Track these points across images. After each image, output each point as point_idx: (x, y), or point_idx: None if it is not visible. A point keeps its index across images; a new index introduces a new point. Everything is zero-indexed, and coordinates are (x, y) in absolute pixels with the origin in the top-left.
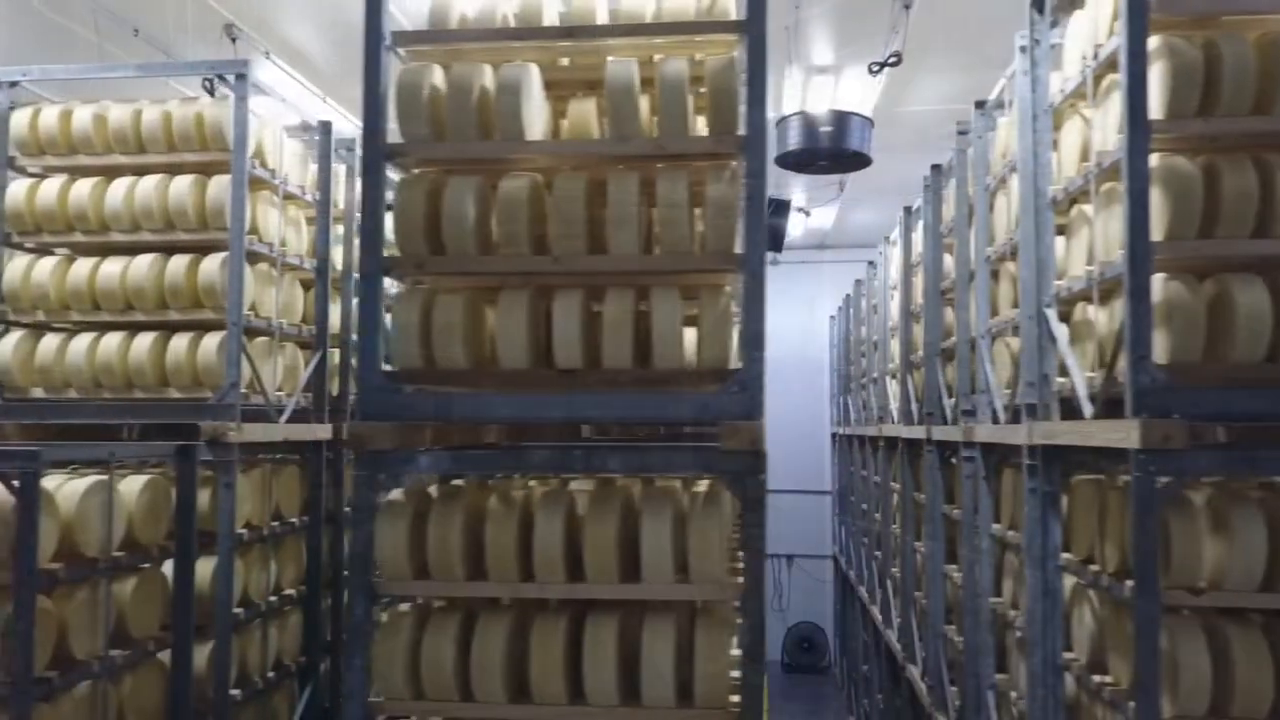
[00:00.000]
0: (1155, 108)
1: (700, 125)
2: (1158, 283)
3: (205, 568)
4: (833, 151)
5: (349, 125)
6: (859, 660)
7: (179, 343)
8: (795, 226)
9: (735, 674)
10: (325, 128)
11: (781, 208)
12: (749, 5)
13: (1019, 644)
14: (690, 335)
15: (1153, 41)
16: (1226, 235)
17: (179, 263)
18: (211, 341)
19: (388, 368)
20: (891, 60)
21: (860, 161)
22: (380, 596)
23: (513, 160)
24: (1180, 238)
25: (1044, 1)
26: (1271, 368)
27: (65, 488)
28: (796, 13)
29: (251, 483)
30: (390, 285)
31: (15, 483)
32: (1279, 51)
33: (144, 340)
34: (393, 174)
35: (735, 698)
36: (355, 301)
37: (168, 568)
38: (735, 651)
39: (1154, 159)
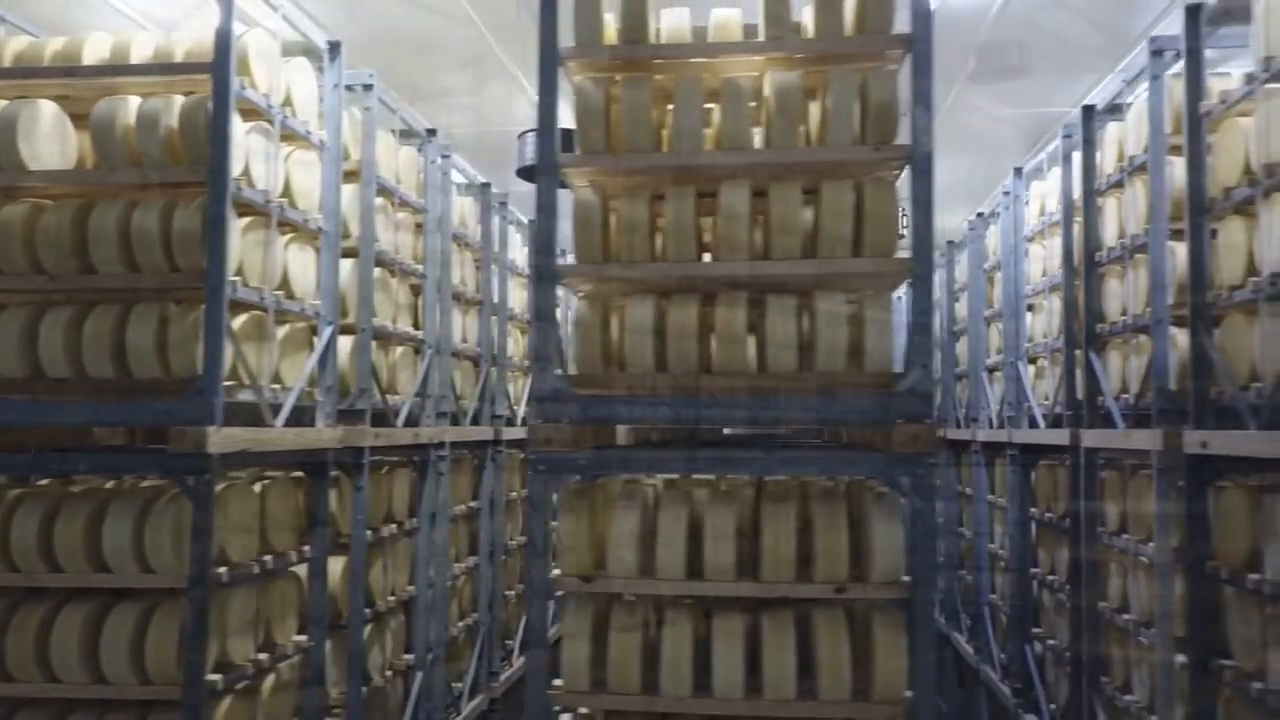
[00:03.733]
0: (577, 145)
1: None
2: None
3: None
4: None
5: None
6: None
7: None
8: None
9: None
10: None
11: None
12: (215, 48)
13: None
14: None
15: (577, 83)
16: (626, 260)
17: None
18: None
19: None
20: None
21: None
22: None
23: (24, 189)
24: (588, 263)
25: None
26: (663, 377)
27: None
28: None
29: None
30: None
31: None
32: (682, 92)
33: None
34: None
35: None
36: None
37: None
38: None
39: (586, 192)
